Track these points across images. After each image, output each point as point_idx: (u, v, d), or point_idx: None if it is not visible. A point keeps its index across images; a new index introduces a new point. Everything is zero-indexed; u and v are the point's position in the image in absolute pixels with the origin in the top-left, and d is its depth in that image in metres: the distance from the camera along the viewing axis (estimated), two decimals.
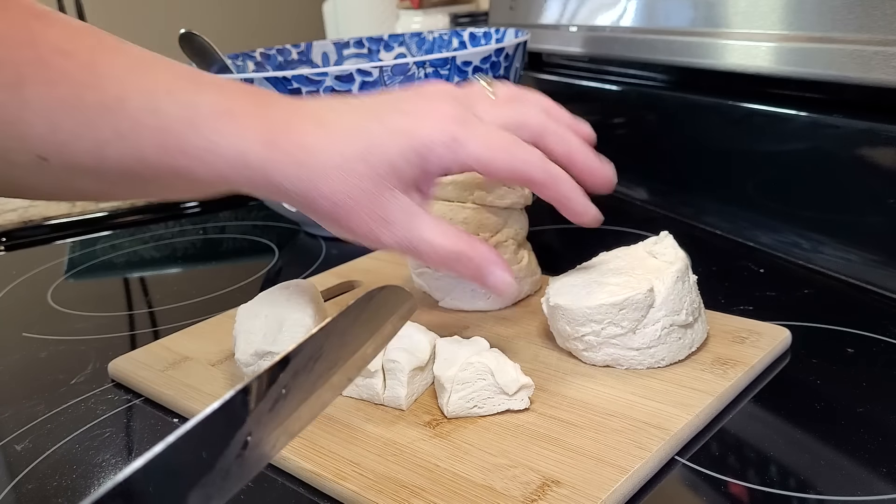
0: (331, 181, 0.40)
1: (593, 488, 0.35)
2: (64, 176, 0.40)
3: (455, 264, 0.41)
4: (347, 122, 0.41)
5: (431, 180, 0.42)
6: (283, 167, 0.40)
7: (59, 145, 0.39)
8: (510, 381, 0.41)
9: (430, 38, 0.90)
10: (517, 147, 0.41)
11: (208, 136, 0.39)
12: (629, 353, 0.44)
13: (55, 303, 0.68)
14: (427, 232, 0.40)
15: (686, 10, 0.72)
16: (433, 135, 0.40)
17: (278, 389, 0.27)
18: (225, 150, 0.39)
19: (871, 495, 0.35)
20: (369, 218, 0.40)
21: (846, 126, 0.56)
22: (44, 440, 0.46)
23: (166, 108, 0.39)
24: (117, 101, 0.39)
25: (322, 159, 0.40)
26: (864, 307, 0.53)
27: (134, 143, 0.39)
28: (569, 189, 0.43)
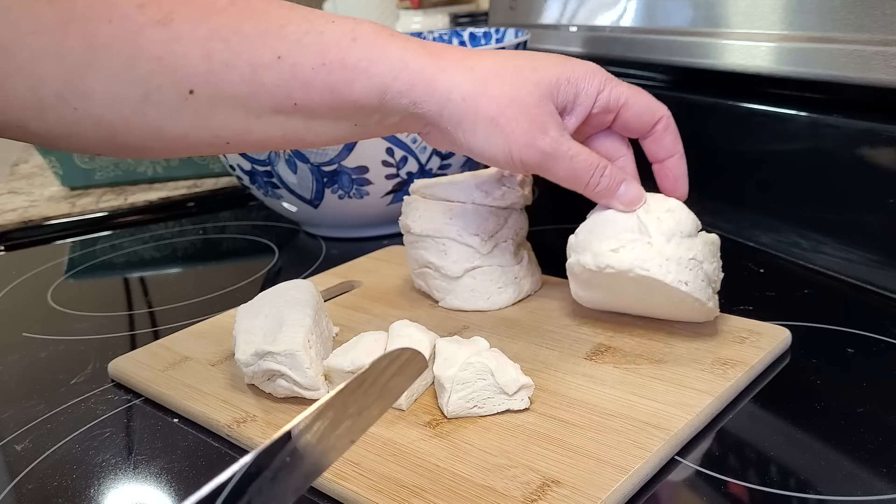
0: (502, 83, 0.42)
1: (593, 488, 0.35)
2: (207, 112, 0.40)
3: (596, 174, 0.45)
4: (506, 52, 0.44)
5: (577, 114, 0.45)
6: (450, 70, 0.42)
7: (211, 75, 0.39)
8: (510, 381, 0.41)
9: (430, 38, 0.90)
10: (651, 95, 0.47)
11: (370, 48, 0.41)
12: (658, 259, 0.44)
13: (55, 303, 0.68)
14: (575, 145, 0.44)
15: (686, 10, 0.72)
16: (589, 69, 0.45)
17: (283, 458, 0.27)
18: (388, 59, 0.41)
19: (871, 495, 0.35)
20: (531, 122, 0.42)
21: (846, 126, 0.56)
22: (44, 440, 0.46)
23: (328, 30, 0.41)
24: (276, 27, 0.40)
25: (492, 65, 0.43)
26: (864, 307, 0.53)
27: (292, 63, 0.40)
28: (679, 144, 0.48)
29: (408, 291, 0.59)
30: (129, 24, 0.38)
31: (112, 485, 0.41)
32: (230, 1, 0.40)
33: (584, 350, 0.48)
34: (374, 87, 0.41)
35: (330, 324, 0.52)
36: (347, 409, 0.30)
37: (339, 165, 0.68)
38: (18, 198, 1.01)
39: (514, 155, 0.43)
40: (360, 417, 0.31)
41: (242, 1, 0.40)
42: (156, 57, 0.38)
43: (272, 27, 0.40)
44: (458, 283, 0.55)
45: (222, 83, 0.40)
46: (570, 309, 0.53)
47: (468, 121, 0.42)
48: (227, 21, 0.39)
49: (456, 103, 0.42)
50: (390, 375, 0.32)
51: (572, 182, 0.45)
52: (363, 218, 0.74)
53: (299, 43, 0.40)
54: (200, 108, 0.40)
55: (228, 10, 0.40)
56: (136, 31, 0.38)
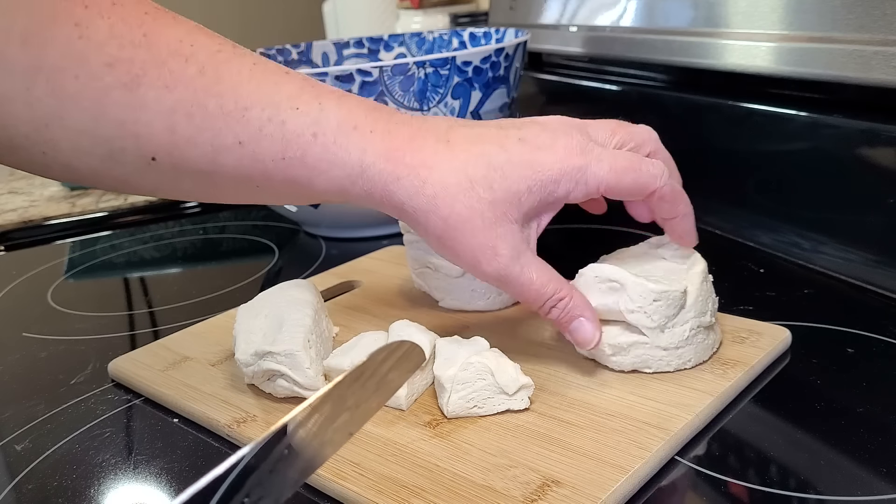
0: (453, 203, 0.40)
1: (593, 488, 0.35)
2: (171, 176, 0.40)
3: (547, 305, 0.42)
4: (472, 145, 0.42)
5: (552, 211, 0.43)
6: (405, 182, 0.40)
7: (173, 147, 0.39)
8: (510, 381, 0.41)
9: (430, 38, 0.90)
10: (642, 163, 0.43)
11: (331, 148, 0.40)
12: (658, 354, 0.44)
13: (55, 303, 0.68)
14: (528, 270, 0.42)
15: (686, 10, 0.72)
16: (559, 166, 0.41)
17: (281, 451, 0.27)
18: (346, 163, 0.40)
19: (871, 495, 0.35)
20: (478, 245, 0.41)
21: (846, 126, 0.56)
22: (44, 440, 0.46)
23: (291, 121, 0.40)
24: (240, 109, 0.39)
25: (446, 177, 0.40)
26: (864, 307, 0.53)
27: (252, 150, 0.40)
28: (686, 206, 0.45)
29: (408, 291, 0.59)
30: (96, 83, 0.37)
31: (112, 485, 0.41)
32: (199, 69, 0.39)
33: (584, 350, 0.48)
34: (334, 187, 0.41)
35: (330, 324, 0.52)
36: (345, 402, 0.30)
37: None
38: (18, 198, 1.01)
39: (467, 271, 0.43)
40: (358, 410, 0.31)
41: (212, 70, 0.39)
42: (119, 121, 0.38)
43: (236, 109, 0.39)
44: (458, 283, 0.55)
45: (184, 157, 0.39)
46: None
47: (420, 231, 0.42)
48: (192, 95, 0.39)
49: (409, 214, 0.41)
50: (388, 368, 0.33)
51: (524, 302, 0.43)
52: (363, 218, 0.74)
53: (260, 132, 0.39)
54: (164, 172, 0.40)
55: (196, 80, 0.39)
56: (102, 91, 0.37)
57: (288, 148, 0.40)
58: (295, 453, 0.28)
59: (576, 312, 0.43)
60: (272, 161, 0.40)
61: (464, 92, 0.68)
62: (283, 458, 0.27)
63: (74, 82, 0.37)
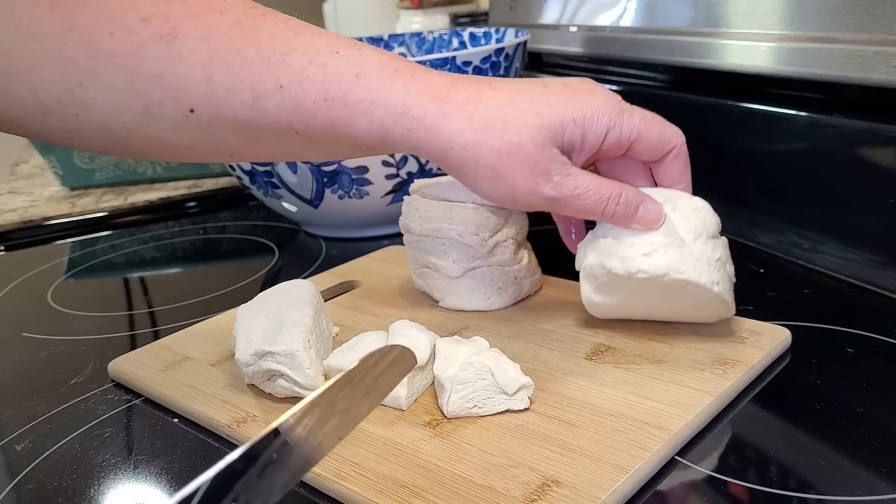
0: (504, 131, 0.41)
1: (593, 488, 0.35)
2: (208, 129, 0.40)
3: (610, 205, 0.44)
4: (516, 85, 0.43)
5: (590, 150, 0.44)
6: (451, 117, 0.41)
7: (211, 97, 0.39)
8: (510, 381, 0.41)
9: (430, 38, 0.90)
10: (665, 121, 0.46)
11: (373, 87, 0.40)
12: (691, 260, 0.43)
13: (55, 303, 0.68)
14: (582, 180, 0.43)
15: (686, 10, 0.72)
16: (601, 105, 0.43)
17: (270, 455, 0.27)
18: (389, 102, 0.40)
19: (871, 495, 0.35)
20: (532, 170, 0.42)
21: (846, 126, 0.56)
22: (44, 440, 0.46)
23: (332, 62, 0.40)
24: (280, 54, 0.39)
25: (494, 110, 0.41)
26: (864, 307, 0.53)
27: (294, 94, 0.39)
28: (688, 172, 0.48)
29: (408, 291, 0.59)
30: (132, 38, 0.37)
31: (112, 485, 0.41)
32: (236, 21, 0.39)
33: (584, 350, 0.48)
34: (375, 129, 0.41)
35: (330, 324, 0.52)
36: (335, 406, 0.30)
37: (339, 165, 0.68)
38: (18, 198, 1.01)
39: (519, 201, 0.43)
40: (348, 415, 0.31)
41: (248, 21, 0.39)
42: (157, 74, 0.38)
43: (276, 54, 0.39)
44: (458, 283, 0.55)
45: (223, 106, 0.39)
46: (570, 309, 0.53)
47: (469, 168, 0.42)
48: (230, 43, 0.39)
49: (456, 152, 0.41)
50: (379, 373, 0.32)
51: (587, 216, 0.45)
52: (363, 218, 0.74)
53: (301, 74, 0.39)
54: (201, 125, 0.40)
55: (233, 30, 0.39)
56: (138, 46, 0.38)
57: (330, 88, 0.40)
58: (284, 457, 0.28)
59: (637, 201, 0.44)
60: (314, 103, 0.40)
61: None
62: (273, 463, 0.27)
63: (109, 39, 0.37)
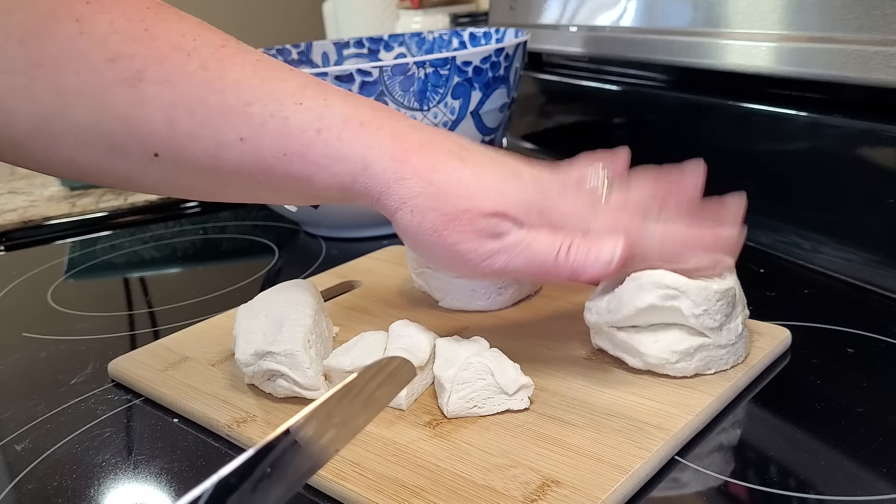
0: (455, 198, 0.39)
1: (593, 488, 0.35)
2: (173, 172, 0.40)
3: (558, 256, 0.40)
4: (485, 161, 0.41)
5: None
6: (409, 181, 0.39)
7: (174, 143, 0.39)
8: (510, 381, 0.41)
9: (430, 38, 0.90)
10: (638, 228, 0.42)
11: (335, 144, 0.39)
12: (719, 353, 0.43)
13: (55, 303, 0.68)
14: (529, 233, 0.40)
15: (686, 10, 0.72)
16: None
17: (264, 469, 0.27)
18: (350, 159, 0.39)
19: (871, 495, 0.35)
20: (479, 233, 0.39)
21: (846, 126, 0.56)
22: (44, 440, 0.46)
23: (294, 115, 0.39)
24: (242, 104, 0.39)
25: (453, 182, 0.40)
26: (864, 307, 0.53)
27: (255, 146, 0.39)
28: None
29: (408, 291, 0.59)
30: (97, 79, 0.37)
31: (112, 485, 0.41)
32: (202, 64, 0.38)
33: (584, 350, 0.48)
34: (336, 184, 0.40)
35: (330, 324, 0.52)
36: (332, 419, 0.30)
37: None
38: (18, 198, 1.01)
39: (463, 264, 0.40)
40: (345, 427, 0.30)
41: (215, 64, 0.39)
42: (121, 117, 0.38)
43: (238, 104, 0.39)
44: (458, 283, 0.55)
45: (185, 152, 0.39)
46: (570, 309, 0.53)
47: (412, 230, 0.40)
48: (194, 89, 0.38)
49: (404, 213, 0.40)
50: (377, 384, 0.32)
51: (539, 272, 0.40)
52: (363, 218, 0.74)
53: (262, 127, 0.39)
54: (166, 168, 0.40)
55: (198, 75, 0.38)
56: (103, 88, 0.37)
57: (290, 144, 0.39)
58: (280, 470, 0.27)
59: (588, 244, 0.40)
60: (273, 157, 0.39)
61: (464, 92, 0.68)
62: (266, 477, 0.27)
63: (76, 79, 0.37)
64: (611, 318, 0.44)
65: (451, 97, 0.67)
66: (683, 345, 0.43)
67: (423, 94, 0.66)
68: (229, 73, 0.39)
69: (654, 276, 0.42)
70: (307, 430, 0.28)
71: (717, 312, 0.42)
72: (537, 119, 1.04)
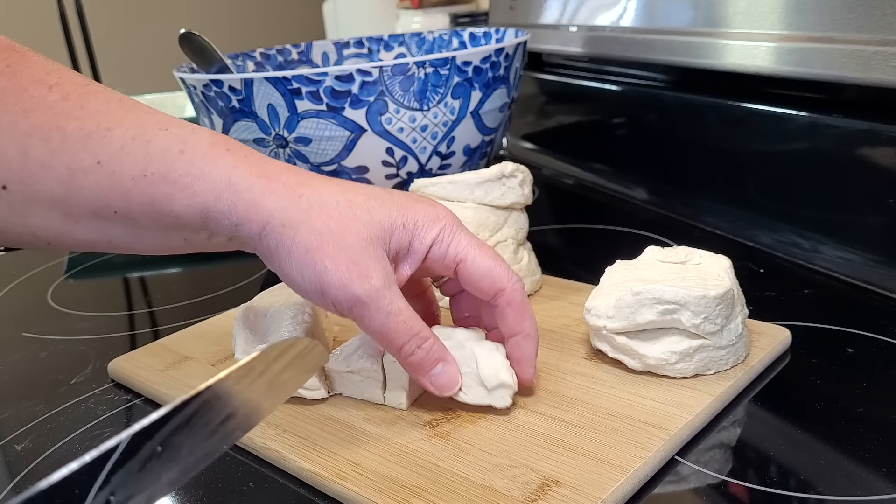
0: (329, 217, 0.38)
1: (593, 488, 0.35)
2: (21, 209, 0.38)
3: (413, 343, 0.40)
4: (352, 182, 0.41)
5: (414, 263, 0.41)
6: (276, 195, 0.38)
7: (26, 173, 0.37)
8: (490, 376, 0.41)
9: (430, 38, 0.90)
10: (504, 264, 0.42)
11: (197, 162, 0.38)
12: (719, 354, 0.43)
13: (55, 303, 0.68)
14: (399, 300, 0.39)
15: (686, 10, 0.72)
16: (433, 216, 0.41)
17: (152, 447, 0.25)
18: (213, 177, 0.38)
19: (871, 495, 0.35)
20: (350, 264, 0.38)
21: (846, 126, 0.56)
22: (44, 440, 0.46)
23: (157, 138, 0.38)
24: (102, 129, 0.37)
25: (324, 195, 0.39)
26: (864, 307, 0.53)
27: (112, 170, 0.37)
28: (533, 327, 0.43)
29: None
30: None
31: None
32: (63, 96, 0.37)
33: (584, 350, 0.48)
34: (196, 206, 0.38)
35: (330, 324, 0.52)
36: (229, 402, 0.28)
37: (338, 165, 0.68)
38: None
39: (326, 294, 0.38)
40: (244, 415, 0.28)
41: (77, 97, 0.38)
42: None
43: (98, 130, 0.37)
44: None
45: (38, 183, 0.37)
46: (570, 309, 0.53)
47: (284, 248, 0.38)
48: (52, 118, 0.37)
49: (274, 228, 0.38)
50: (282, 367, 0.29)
51: (384, 343, 0.40)
52: None
53: (122, 150, 0.37)
54: (15, 204, 0.38)
55: (58, 105, 0.37)
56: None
57: (151, 164, 0.37)
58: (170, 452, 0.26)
59: (439, 355, 0.41)
60: (132, 179, 0.37)
61: (464, 92, 0.68)
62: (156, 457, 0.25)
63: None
64: (610, 324, 0.44)
65: (451, 97, 0.67)
66: (683, 345, 0.43)
67: (423, 94, 0.66)
68: (91, 104, 0.38)
69: (654, 292, 0.43)
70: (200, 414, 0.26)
71: (718, 316, 0.43)
72: (537, 119, 1.04)
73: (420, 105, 0.67)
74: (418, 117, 0.67)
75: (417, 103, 0.66)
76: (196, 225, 0.39)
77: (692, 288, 0.42)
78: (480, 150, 0.73)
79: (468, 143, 0.71)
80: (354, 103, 0.64)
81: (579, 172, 0.90)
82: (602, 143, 0.88)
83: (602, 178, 0.86)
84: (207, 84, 0.66)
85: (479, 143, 0.72)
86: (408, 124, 0.67)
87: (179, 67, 0.75)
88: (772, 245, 0.64)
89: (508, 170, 0.54)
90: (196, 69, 0.75)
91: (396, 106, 0.66)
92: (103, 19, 2.06)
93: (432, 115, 0.67)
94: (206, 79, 0.66)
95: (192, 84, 0.69)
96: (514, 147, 1.06)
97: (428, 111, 0.67)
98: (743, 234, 0.66)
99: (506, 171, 0.54)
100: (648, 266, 0.47)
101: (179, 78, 0.71)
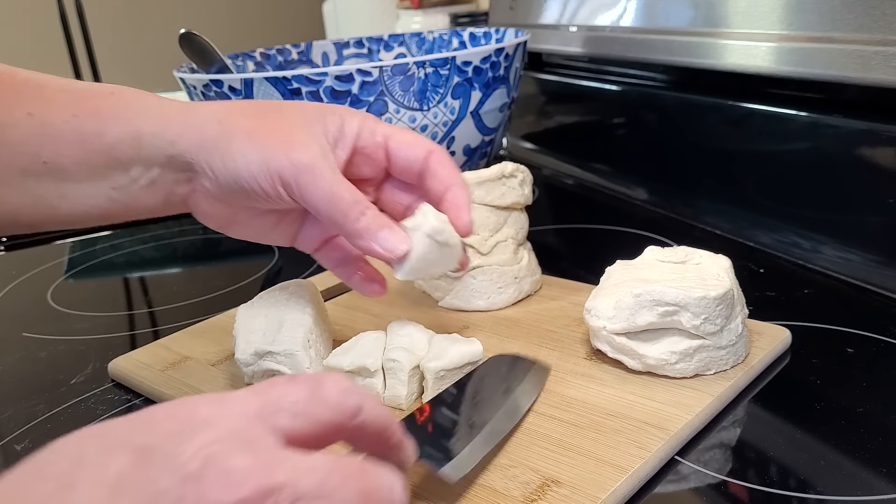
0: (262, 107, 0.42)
1: (593, 488, 0.35)
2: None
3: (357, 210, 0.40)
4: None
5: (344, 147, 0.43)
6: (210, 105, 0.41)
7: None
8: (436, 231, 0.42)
9: (430, 38, 0.90)
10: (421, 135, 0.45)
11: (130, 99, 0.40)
12: (718, 354, 0.43)
13: (55, 303, 0.68)
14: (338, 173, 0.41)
15: (686, 10, 0.72)
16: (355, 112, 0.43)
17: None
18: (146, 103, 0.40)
19: (871, 495, 0.35)
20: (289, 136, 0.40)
21: (846, 126, 0.56)
22: (44, 440, 0.45)
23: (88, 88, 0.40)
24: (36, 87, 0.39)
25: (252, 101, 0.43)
26: (864, 307, 0.53)
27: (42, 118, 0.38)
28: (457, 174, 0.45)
29: (408, 291, 0.59)
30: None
31: None
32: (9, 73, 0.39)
33: (584, 350, 0.48)
34: (128, 133, 0.39)
35: (330, 324, 0.52)
36: None
37: None
38: None
39: (271, 168, 0.39)
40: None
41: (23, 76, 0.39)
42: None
43: (30, 88, 0.39)
44: (458, 283, 0.55)
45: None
46: (570, 309, 0.53)
47: (223, 140, 0.39)
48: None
49: (212, 126, 0.39)
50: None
51: (331, 210, 0.40)
52: None
53: (52, 100, 0.39)
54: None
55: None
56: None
57: (82, 105, 0.39)
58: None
59: (386, 221, 0.41)
60: (63, 121, 0.38)
61: (464, 92, 0.68)
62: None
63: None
64: (610, 325, 0.44)
65: (451, 97, 0.68)
66: (683, 346, 0.43)
67: (423, 93, 0.66)
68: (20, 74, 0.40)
69: (654, 293, 0.43)
70: None
71: (718, 317, 0.43)
72: (537, 119, 1.04)
73: (420, 105, 0.67)
74: (418, 117, 0.67)
75: (417, 103, 0.66)
76: (127, 158, 0.39)
77: (692, 289, 0.42)
78: (480, 150, 0.73)
79: (468, 143, 0.71)
80: (354, 103, 0.64)
81: (579, 172, 0.90)
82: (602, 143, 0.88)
83: (602, 178, 0.86)
84: (207, 84, 0.66)
85: (479, 143, 0.72)
86: (408, 124, 0.67)
87: (179, 67, 0.75)
88: (772, 245, 0.64)
89: (508, 170, 0.54)
90: (196, 69, 0.75)
91: (396, 106, 0.66)
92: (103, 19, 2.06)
93: (432, 115, 0.67)
94: (206, 79, 0.66)
95: (192, 84, 0.69)
96: (514, 147, 1.06)
97: (428, 111, 0.67)
98: (743, 234, 0.66)
99: (506, 171, 0.54)
100: (648, 266, 0.47)
101: (179, 78, 0.71)
